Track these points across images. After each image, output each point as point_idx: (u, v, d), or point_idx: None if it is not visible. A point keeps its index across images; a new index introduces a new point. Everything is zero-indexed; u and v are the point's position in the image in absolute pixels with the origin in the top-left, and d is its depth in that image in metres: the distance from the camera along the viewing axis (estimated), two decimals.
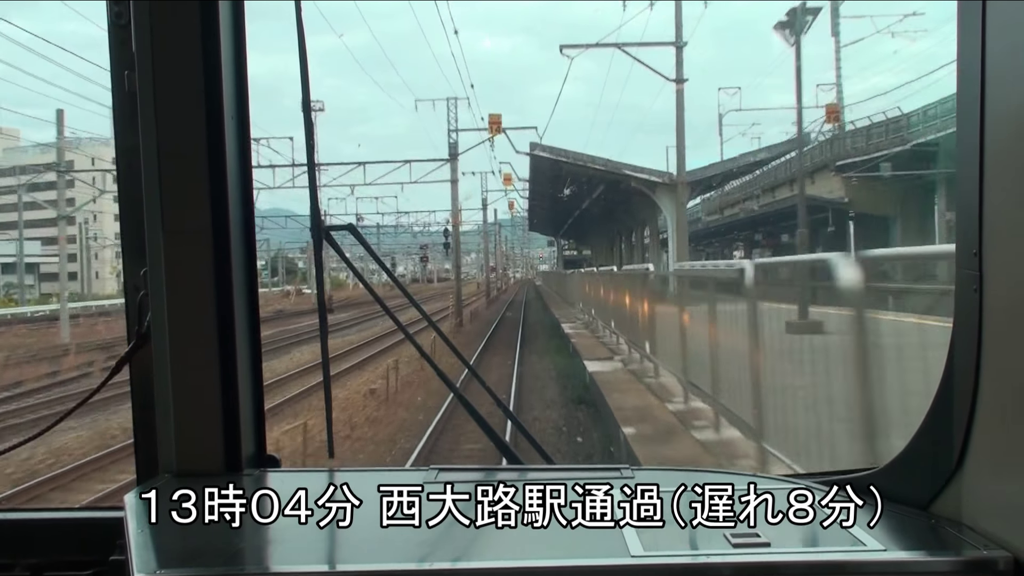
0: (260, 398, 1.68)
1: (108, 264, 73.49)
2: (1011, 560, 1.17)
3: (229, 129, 1.57)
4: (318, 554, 1.34)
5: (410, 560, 1.26)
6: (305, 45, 1.61)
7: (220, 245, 1.57)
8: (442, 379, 1.69)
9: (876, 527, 1.29)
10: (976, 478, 1.28)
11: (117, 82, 1.59)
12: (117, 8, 1.57)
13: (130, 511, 1.39)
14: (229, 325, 1.58)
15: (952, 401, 1.32)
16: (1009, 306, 1.19)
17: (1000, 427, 1.22)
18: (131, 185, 1.58)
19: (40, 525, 1.67)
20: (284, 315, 37.75)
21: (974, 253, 1.24)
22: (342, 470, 1.63)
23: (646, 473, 1.58)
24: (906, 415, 3.77)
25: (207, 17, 1.54)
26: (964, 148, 1.25)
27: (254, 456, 1.65)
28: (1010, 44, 1.16)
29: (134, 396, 1.63)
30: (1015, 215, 1.15)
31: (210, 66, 1.54)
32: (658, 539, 1.27)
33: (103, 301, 52.34)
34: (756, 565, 1.22)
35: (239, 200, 1.61)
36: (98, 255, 75.36)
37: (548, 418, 12.92)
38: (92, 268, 71.57)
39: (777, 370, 6.24)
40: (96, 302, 50.22)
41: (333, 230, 1.69)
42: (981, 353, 1.24)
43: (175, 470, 1.56)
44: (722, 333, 7.76)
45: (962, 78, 1.26)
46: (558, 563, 1.24)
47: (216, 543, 1.28)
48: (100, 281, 72.71)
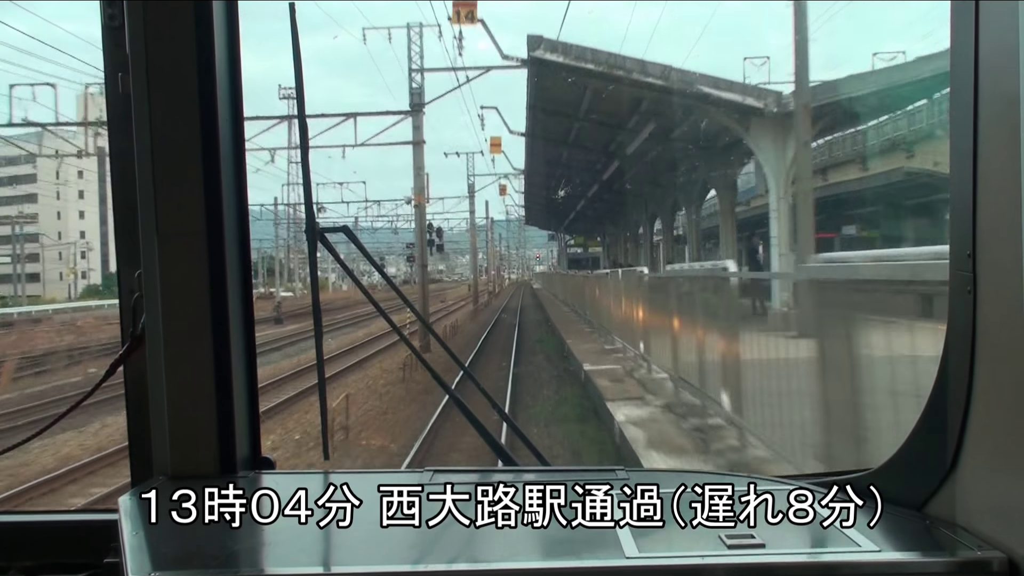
0: (255, 400, 1.77)
1: (70, 264, 72.87)
2: (1005, 561, 1.24)
3: (223, 131, 1.67)
4: (317, 555, 1.41)
5: (410, 561, 1.33)
6: (299, 47, 1.72)
7: (214, 247, 1.66)
8: (437, 381, 1.79)
9: (872, 528, 1.36)
10: (971, 479, 1.35)
11: (111, 84, 1.68)
12: (111, 10, 1.66)
13: (124, 513, 1.46)
14: (223, 327, 1.67)
15: (946, 402, 1.39)
16: (1003, 307, 1.24)
17: (995, 428, 1.29)
18: (125, 187, 1.67)
19: (34, 528, 1.76)
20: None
21: (968, 254, 1.30)
22: (339, 472, 1.72)
23: (645, 474, 1.66)
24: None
25: (201, 19, 1.63)
26: (957, 149, 1.32)
27: (249, 458, 1.74)
28: (1003, 44, 1.21)
29: (128, 398, 1.73)
30: (1009, 216, 1.21)
31: (204, 68, 1.63)
32: (657, 540, 1.35)
33: (62, 304, 51.67)
34: (752, 566, 1.29)
35: (233, 202, 1.71)
36: (61, 254, 74.97)
37: None
38: (56, 269, 71.17)
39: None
40: (54, 305, 49.72)
41: (328, 232, 1.78)
42: (975, 354, 1.31)
43: (170, 472, 1.65)
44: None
45: (955, 78, 1.33)
46: (558, 564, 1.32)
47: (212, 545, 1.34)
48: (62, 283, 72.26)
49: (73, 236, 76.01)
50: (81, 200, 74.86)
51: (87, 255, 79.66)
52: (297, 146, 29.75)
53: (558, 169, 41.17)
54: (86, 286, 73.63)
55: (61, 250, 74.23)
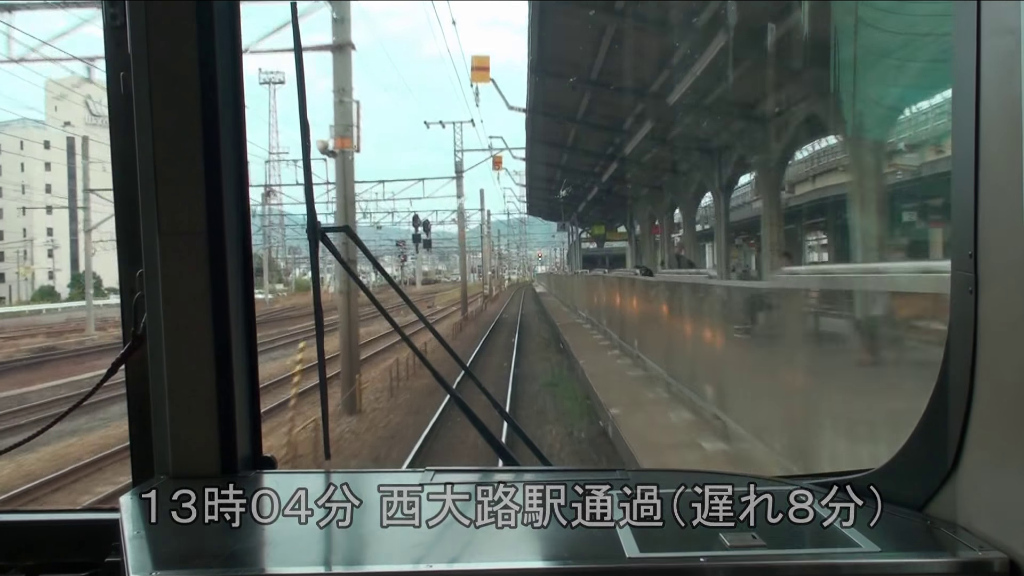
0: (256, 400, 1.89)
1: (38, 265, 72.55)
2: (1006, 561, 1.31)
3: (224, 130, 1.78)
4: (317, 555, 1.50)
5: (410, 561, 1.41)
6: (300, 47, 1.83)
7: (215, 246, 1.77)
8: (439, 381, 1.90)
9: (872, 528, 1.44)
10: (972, 479, 1.42)
11: (113, 83, 1.80)
12: (112, 9, 1.78)
13: (126, 512, 1.56)
14: (224, 327, 1.79)
15: (948, 402, 1.46)
16: (1004, 308, 1.32)
17: (995, 429, 1.36)
18: (126, 186, 1.79)
19: (35, 527, 1.88)
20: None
21: (969, 255, 1.38)
22: (339, 471, 1.82)
23: (645, 474, 1.75)
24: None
25: (202, 18, 1.74)
26: (959, 149, 1.41)
27: (250, 457, 1.85)
28: (1005, 45, 1.28)
29: (130, 398, 1.84)
30: (1011, 217, 1.28)
31: (205, 67, 1.75)
32: (657, 539, 1.43)
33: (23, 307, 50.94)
34: (752, 566, 1.38)
35: (235, 201, 1.82)
36: (27, 253, 74.76)
37: None
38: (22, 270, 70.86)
39: None
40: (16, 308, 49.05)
41: (329, 231, 1.90)
42: (976, 355, 1.38)
43: (171, 472, 1.76)
44: None
45: (957, 79, 1.42)
46: (558, 564, 1.41)
47: (212, 544, 1.43)
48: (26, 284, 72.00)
49: (38, 233, 75.73)
50: (49, 195, 74.83)
51: (54, 253, 79.38)
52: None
53: (571, 132, 30.39)
54: (40, 287, 73.00)
55: (26, 248, 74.05)
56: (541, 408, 16.53)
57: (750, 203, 32.37)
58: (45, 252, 77.93)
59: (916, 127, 20.23)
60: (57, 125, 61.12)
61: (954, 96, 1.43)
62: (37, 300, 65.31)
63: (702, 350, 12.06)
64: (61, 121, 60.53)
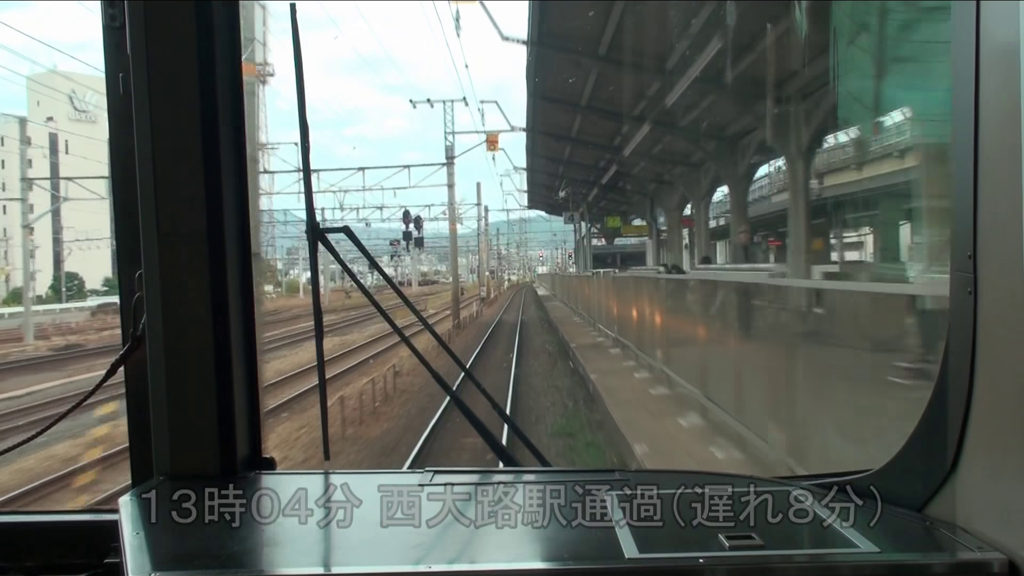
0: (256, 400, 1.94)
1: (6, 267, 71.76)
2: (1006, 562, 1.34)
3: (224, 131, 1.84)
4: (317, 555, 1.54)
5: (410, 561, 1.43)
6: (300, 47, 1.89)
7: (215, 247, 1.83)
8: (438, 382, 1.95)
9: (872, 529, 1.48)
10: (971, 480, 1.45)
11: (112, 84, 1.86)
12: (112, 10, 1.83)
13: (125, 513, 1.60)
14: (224, 328, 1.84)
15: (947, 403, 1.49)
16: (1004, 309, 1.35)
17: (994, 429, 1.39)
18: (126, 187, 1.84)
19: (34, 528, 1.93)
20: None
21: (969, 256, 1.41)
22: (339, 472, 1.88)
23: (645, 475, 1.80)
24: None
25: (202, 19, 1.80)
26: (959, 149, 1.44)
27: (250, 458, 1.91)
28: (1005, 45, 1.31)
29: (129, 399, 1.90)
30: (1010, 217, 1.30)
31: (205, 68, 1.80)
32: (657, 540, 1.46)
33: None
34: (752, 566, 1.41)
35: (234, 202, 1.88)
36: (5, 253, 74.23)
37: None
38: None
39: None
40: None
41: (328, 232, 1.95)
42: (975, 355, 1.41)
43: (170, 472, 1.81)
44: None
45: (956, 79, 1.43)
46: (558, 564, 1.44)
47: (212, 545, 1.46)
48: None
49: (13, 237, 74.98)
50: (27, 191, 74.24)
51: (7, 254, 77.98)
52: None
53: (579, 112, 26.64)
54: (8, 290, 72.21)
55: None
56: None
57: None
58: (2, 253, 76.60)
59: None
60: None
61: (954, 96, 1.46)
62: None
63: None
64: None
